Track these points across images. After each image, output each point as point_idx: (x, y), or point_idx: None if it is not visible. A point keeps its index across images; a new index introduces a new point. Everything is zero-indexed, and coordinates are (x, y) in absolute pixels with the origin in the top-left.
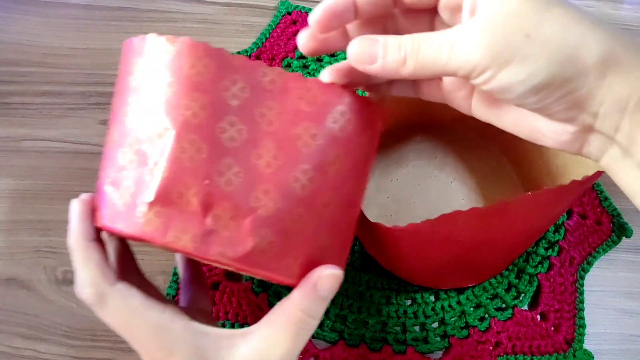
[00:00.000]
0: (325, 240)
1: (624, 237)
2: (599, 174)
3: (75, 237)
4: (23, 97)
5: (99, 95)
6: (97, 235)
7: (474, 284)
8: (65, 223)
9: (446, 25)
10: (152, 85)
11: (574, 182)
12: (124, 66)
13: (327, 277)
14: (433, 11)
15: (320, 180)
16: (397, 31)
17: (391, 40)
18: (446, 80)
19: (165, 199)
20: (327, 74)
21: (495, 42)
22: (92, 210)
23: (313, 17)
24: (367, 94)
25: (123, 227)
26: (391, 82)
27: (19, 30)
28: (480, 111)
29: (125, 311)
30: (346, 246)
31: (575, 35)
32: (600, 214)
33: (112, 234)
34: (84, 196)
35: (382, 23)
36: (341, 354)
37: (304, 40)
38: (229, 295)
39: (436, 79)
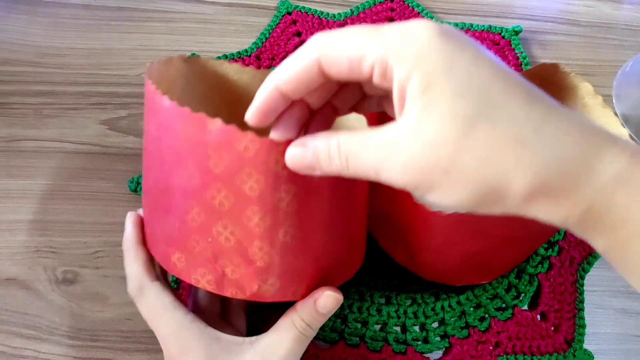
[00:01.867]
0: (330, 256)
1: None
2: None
3: (129, 240)
4: (22, 97)
5: (99, 96)
6: (144, 240)
7: (485, 282)
8: (65, 223)
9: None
10: (159, 142)
11: None
12: (148, 108)
13: (326, 298)
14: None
15: (309, 225)
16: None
17: (321, 147)
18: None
19: (184, 248)
20: (251, 117)
21: (418, 174)
22: (142, 221)
23: (249, 119)
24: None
25: (158, 259)
26: (354, 106)
27: (18, 29)
28: None
29: (158, 306)
30: (359, 244)
31: (497, 168)
32: None
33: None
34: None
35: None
36: (341, 354)
37: (254, 118)
38: None
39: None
